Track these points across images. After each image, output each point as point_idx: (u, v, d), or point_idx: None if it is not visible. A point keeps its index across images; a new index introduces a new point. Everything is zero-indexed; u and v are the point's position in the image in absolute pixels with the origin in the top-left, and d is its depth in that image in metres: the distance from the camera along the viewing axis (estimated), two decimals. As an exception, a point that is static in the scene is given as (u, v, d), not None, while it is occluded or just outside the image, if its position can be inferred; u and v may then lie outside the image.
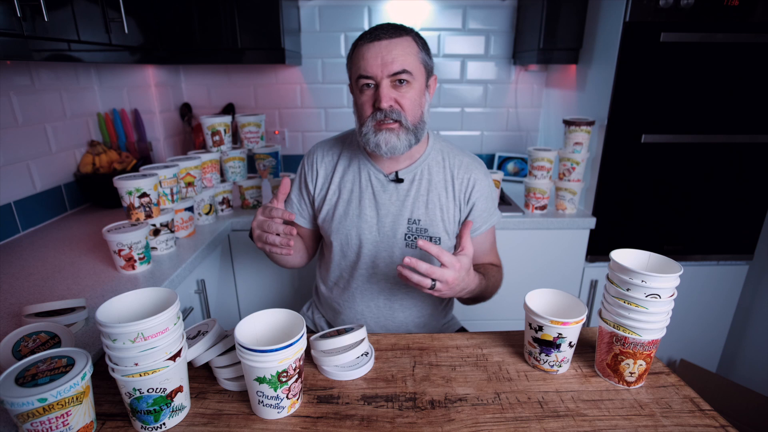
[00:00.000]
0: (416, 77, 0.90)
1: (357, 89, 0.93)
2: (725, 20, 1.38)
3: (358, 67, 0.90)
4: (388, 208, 1.00)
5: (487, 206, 1.03)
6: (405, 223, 0.99)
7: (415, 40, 0.91)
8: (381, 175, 1.00)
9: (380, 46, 0.87)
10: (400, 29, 0.90)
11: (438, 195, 1.00)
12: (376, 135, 0.91)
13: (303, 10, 1.91)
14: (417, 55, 0.90)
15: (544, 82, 2.05)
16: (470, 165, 1.02)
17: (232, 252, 1.55)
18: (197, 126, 1.96)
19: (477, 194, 1.01)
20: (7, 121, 1.26)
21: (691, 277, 1.64)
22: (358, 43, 0.91)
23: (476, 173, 1.02)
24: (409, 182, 1.00)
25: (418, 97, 0.91)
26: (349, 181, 1.02)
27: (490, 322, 1.62)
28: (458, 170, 1.01)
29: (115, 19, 1.25)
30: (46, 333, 0.72)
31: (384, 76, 0.87)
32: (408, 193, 0.99)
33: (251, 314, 0.68)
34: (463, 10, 1.93)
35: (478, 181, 1.01)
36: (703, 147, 1.51)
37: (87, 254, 1.16)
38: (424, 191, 1.00)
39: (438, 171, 1.01)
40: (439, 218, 1.00)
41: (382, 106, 0.88)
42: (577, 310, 0.73)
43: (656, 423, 0.63)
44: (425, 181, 1.00)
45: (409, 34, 0.90)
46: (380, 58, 0.87)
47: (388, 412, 0.65)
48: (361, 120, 0.93)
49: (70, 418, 0.55)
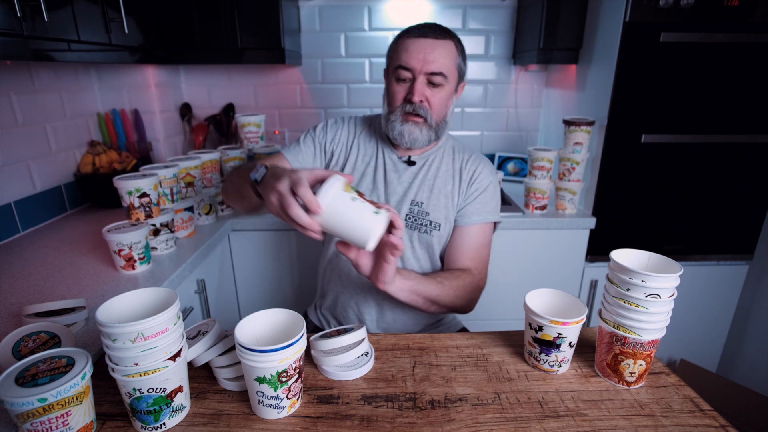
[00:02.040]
0: (449, 81, 0.95)
1: (393, 77, 0.97)
2: (725, 20, 1.38)
3: (399, 57, 0.94)
4: (395, 188, 1.04)
5: (485, 199, 1.04)
6: (408, 204, 1.03)
7: (456, 45, 0.96)
8: (395, 156, 1.06)
9: (425, 44, 0.92)
10: (445, 32, 0.95)
11: (444, 182, 1.04)
12: (402, 124, 0.97)
13: (303, 10, 1.91)
14: (455, 60, 0.95)
15: (544, 82, 2.05)
16: (478, 160, 1.07)
17: (232, 252, 1.55)
18: (197, 126, 1.96)
19: (478, 184, 1.04)
20: (7, 121, 1.26)
21: (691, 277, 1.64)
22: (405, 35, 0.96)
23: (482, 167, 1.06)
24: (419, 166, 1.05)
25: (447, 99, 0.98)
26: (366, 155, 1.07)
27: (490, 322, 1.61)
28: (467, 162, 1.06)
29: (115, 19, 1.25)
30: (46, 333, 0.72)
31: (422, 71, 0.93)
32: (416, 176, 1.04)
33: (251, 314, 0.68)
34: (463, 10, 1.93)
35: (483, 173, 1.05)
36: (703, 147, 1.51)
37: (87, 254, 1.16)
38: (431, 177, 1.04)
39: (447, 161, 1.06)
40: (443, 205, 1.02)
41: (414, 99, 0.94)
42: (577, 310, 0.73)
43: (656, 423, 0.63)
44: (434, 168, 1.05)
45: (452, 38, 0.95)
46: (423, 54, 0.91)
47: (388, 412, 0.65)
48: (391, 107, 0.99)
49: (70, 418, 0.55)
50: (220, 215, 1.52)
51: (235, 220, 1.49)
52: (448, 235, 1.05)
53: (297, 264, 1.60)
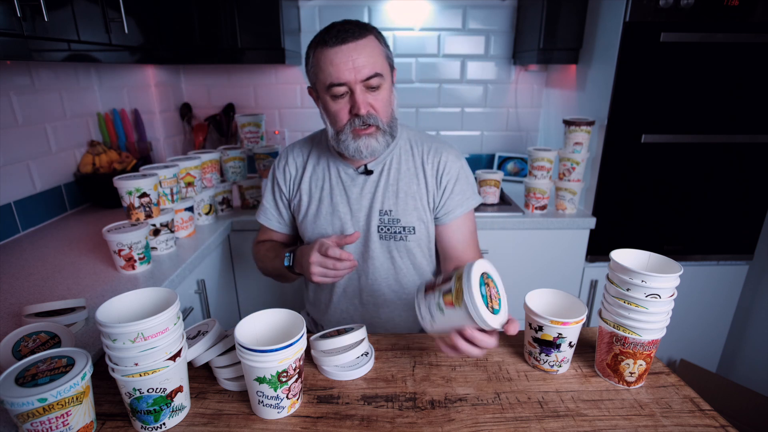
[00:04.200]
0: (385, 77, 0.89)
1: (327, 96, 0.89)
2: (725, 20, 1.38)
3: (328, 75, 0.86)
4: (360, 202, 0.99)
5: (461, 188, 1.00)
6: (377, 215, 0.98)
7: (377, 37, 0.90)
8: (350, 169, 1.00)
9: (349, 49, 0.84)
10: (362, 28, 0.87)
11: (408, 184, 0.99)
12: (356, 141, 0.90)
13: (303, 10, 1.91)
14: (382, 54, 0.88)
15: (544, 82, 2.05)
16: (439, 148, 1.01)
17: (232, 252, 1.55)
18: (197, 126, 1.96)
19: (448, 176, 0.99)
20: (7, 121, 1.26)
21: (691, 277, 1.64)
22: (322, 45, 0.86)
23: (446, 155, 1.00)
24: (378, 174, 0.99)
25: (389, 96, 0.91)
26: (319, 179, 1.02)
27: (490, 322, 1.61)
28: (428, 155, 1.00)
29: (115, 19, 1.25)
30: (46, 333, 0.72)
31: (357, 81, 0.85)
32: (377, 184, 0.99)
33: (251, 314, 0.68)
34: (463, 10, 1.93)
35: (448, 162, 0.99)
36: (703, 147, 1.51)
37: (87, 254, 1.16)
38: (393, 181, 0.99)
39: (407, 159, 1.00)
40: (412, 207, 0.98)
41: (361, 113, 0.87)
42: (577, 310, 0.73)
43: (656, 423, 0.63)
44: (394, 171, 0.99)
45: (370, 31, 0.88)
46: (351, 63, 0.84)
47: (388, 412, 0.65)
48: (337, 127, 0.91)
49: (70, 418, 0.55)
50: (220, 215, 1.52)
51: (235, 220, 1.49)
52: (426, 236, 1.01)
53: (297, 264, 1.59)
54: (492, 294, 0.64)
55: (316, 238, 1.00)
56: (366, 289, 1.03)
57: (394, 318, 1.05)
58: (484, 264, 0.66)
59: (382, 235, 0.99)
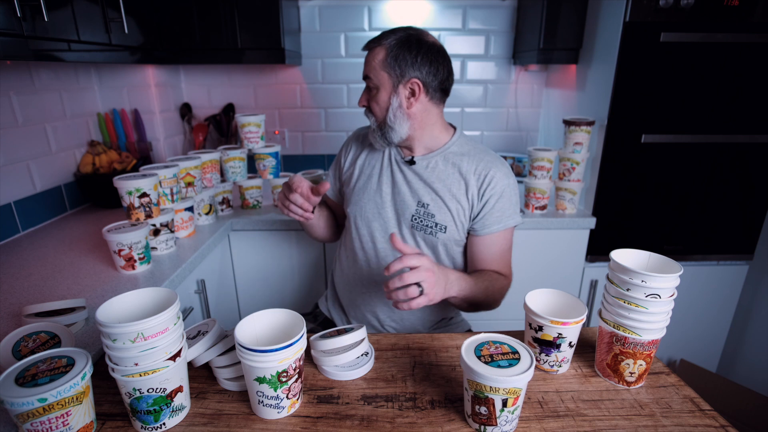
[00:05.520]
0: (382, 84, 0.98)
1: None
2: (725, 20, 1.38)
3: None
4: (401, 188, 1.05)
5: (502, 206, 1.01)
6: (414, 205, 1.04)
7: (386, 49, 0.97)
8: (399, 156, 1.08)
9: (367, 54, 1.01)
10: (379, 39, 0.99)
11: (451, 185, 1.02)
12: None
13: (303, 10, 1.91)
14: (381, 64, 0.98)
15: (544, 82, 2.05)
16: (492, 162, 1.03)
17: (232, 252, 1.55)
18: (197, 126, 1.96)
19: (492, 191, 1.01)
20: (7, 121, 1.26)
21: (691, 277, 1.64)
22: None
23: (496, 171, 1.02)
24: (424, 168, 1.04)
25: (384, 101, 0.99)
26: (374, 159, 1.11)
27: (490, 322, 1.61)
28: (478, 165, 1.02)
29: (115, 19, 1.25)
30: (46, 333, 0.72)
31: (363, 77, 1.02)
32: (422, 177, 1.04)
33: (251, 314, 0.68)
34: (463, 10, 1.93)
35: (495, 178, 1.01)
36: (703, 147, 1.51)
37: (87, 254, 1.16)
38: (437, 179, 1.03)
39: (455, 163, 1.04)
40: (448, 208, 1.02)
41: (359, 104, 1.06)
42: (577, 310, 0.73)
43: (656, 423, 0.63)
44: (439, 170, 1.04)
45: (382, 44, 0.98)
46: (365, 63, 1.01)
47: (388, 412, 0.65)
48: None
49: (70, 418, 0.55)
50: (220, 215, 1.52)
51: (235, 220, 1.49)
52: (455, 239, 1.03)
53: (297, 264, 1.60)
54: None
55: (355, 211, 1.09)
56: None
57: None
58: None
59: (414, 225, 1.04)
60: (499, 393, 0.57)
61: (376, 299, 1.09)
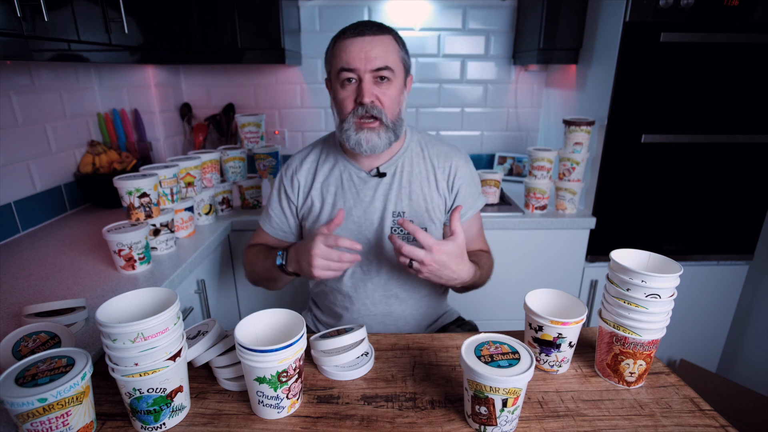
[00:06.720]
0: (397, 75, 0.92)
1: (338, 83, 0.92)
2: (725, 20, 1.38)
3: (340, 60, 0.89)
4: (373, 205, 1.00)
5: (471, 192, 1.04)
6: (390, 217, 1.00)
7: (395, 39, 0.93)
8: (362, 173, 1.01)
9: (364, 42, 0.88)
10: (382, 27, 0.91)
11: (420, 185, 1.01)
12: (357, 133, 0.92)
13: (303, 10, 1.91)
14: (398, 54, 0.92)
15: (544, 82, 2.05)
16: (449, 153, 1.04)
17: (232, 252, 1.55)
18: (197, 126, 1.96)
19: (460, 180, 1.03)
20: (7, 121, 1.26)
21: (691, 277, 1.64)
22: (341, 37, 0.91)
23: (456, 160, 1.04)
24: (391, 176, 1.01)
25: (398, 94, 0.93)
26: (332, 185, 1.02)
27: (490, 322, 1.61)
28: (438, 159, 1.03)
29: (115, 19, 1.25)
30: (46, 333, 0.72)
31: (367, 70, 0.88)
32: (390, 186, 1.01)
33: (251, 314, 0.68)
34: (463, 10, 1.93)
35: (459, 167, 1.03)
36: (703, 147, 1.51)
37: (87, 254, 1.16)
38: (406, 183, 1.01)
39: (418, 162, 1.03)
40: (424, 209, 1.01)
41: (365, 101, 0.89)
42: (577, 310, 0.73)
43: (656, 423, 0.63)
44: (406, 173, 1.02)
45: (390, 33, 0.92)
46: (364, 53, 0.87)
47: (388, 412, 0.65)
48: (342, 115, 0.93)
49: (70, 418, 0.55)
50: (220, 215, 1.52)
51: (235, 220, 1.49)
52: (436, 236, 1.02)
53: (297, 264, 1.59)
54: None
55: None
56: (380, 288, 1.04)
57: (406, 316, 1.06)
58: None
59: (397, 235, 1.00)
60: (499, 393, 0.58)
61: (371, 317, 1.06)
